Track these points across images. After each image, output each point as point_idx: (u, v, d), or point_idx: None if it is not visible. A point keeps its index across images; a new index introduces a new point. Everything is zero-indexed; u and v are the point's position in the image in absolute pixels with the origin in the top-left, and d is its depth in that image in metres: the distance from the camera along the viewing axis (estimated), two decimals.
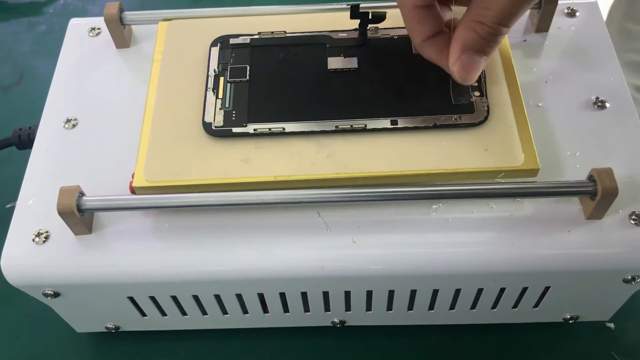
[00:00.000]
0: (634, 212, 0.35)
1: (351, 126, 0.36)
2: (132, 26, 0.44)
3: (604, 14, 0.95)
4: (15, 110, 0.56)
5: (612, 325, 0.43)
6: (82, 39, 0.45)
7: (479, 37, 0.32)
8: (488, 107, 0.36)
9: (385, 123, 0.36)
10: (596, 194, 0.34)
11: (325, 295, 0.39)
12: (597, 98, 0.40)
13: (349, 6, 0.39)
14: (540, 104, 0.40)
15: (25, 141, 0.46)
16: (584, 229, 0.35)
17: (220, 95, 0.38)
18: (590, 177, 0.34)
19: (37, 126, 0.41)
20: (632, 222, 0.35)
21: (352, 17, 0.39)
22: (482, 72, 0.37)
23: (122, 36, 0.43)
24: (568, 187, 0.35)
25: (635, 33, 0.89)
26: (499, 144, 0.35)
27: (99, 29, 0.45)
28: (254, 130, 0.36)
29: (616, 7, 0.93)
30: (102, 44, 0.44)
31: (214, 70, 0.39)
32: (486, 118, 0.36)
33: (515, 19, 0.32)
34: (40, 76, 0.58)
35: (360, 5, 0.38)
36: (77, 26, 0.45)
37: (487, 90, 0.37)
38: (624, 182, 0.36)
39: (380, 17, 0.39)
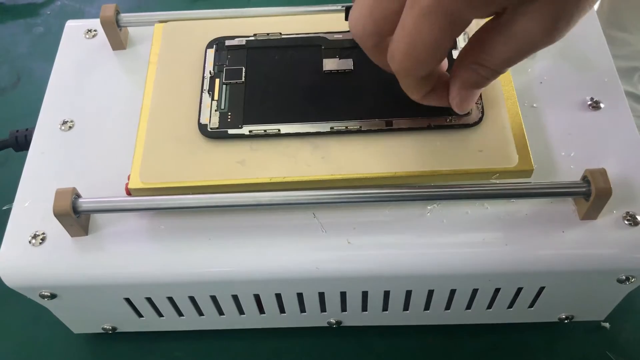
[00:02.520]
0: (628, 212, 0.36)
1: (346, 127, 0.36)
2: (128, 28, 0.44)
3: None
4: (12, 112, 0.56)
5: (607, 325, 0.43)
6: (79, 41, 0.45)
7: (479, 77, 0.31)
8: (482, 108, 0.37)
9: (380, 124, 0.36)
10: (590, 194, 0.34)
11: (321, 296, 0.39)
12: (591, 98, 0.40)
13: (344, 7, 0.39)
14: (535, 105, 0.40)
15: (22, 143, 0.46)
16: (578, 230, 0.35)
17: (216, 97, 0.38)
18: (584, 178, 0.34)
19: (34, 128, 0.41)
20: (626, 222, 0.35)
21: (347, 18, 0.39)
22: None
23: (118, 38, 0.43)
24: (562, 188, 0.35)
25: (618, 40, 0.89)
26: (493, 145, 0.36)
27: (95, 30, 0.45)
28: (250, 131, 0.36)
29: (599, 14, 0.94)
30: (99, 46, 0.44)
31: (210, 72, 0.39)
32: (480, 119, 0.36)
33: (518, 61, 0.30)
34: (38, 78, 0.58)
35: None
36: (74, 28, 0.46)
37: (481, 91, 0.37)
38: (618, 183, 0.36)
39: None
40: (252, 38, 0.40)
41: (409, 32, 0.27)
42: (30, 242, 0.36)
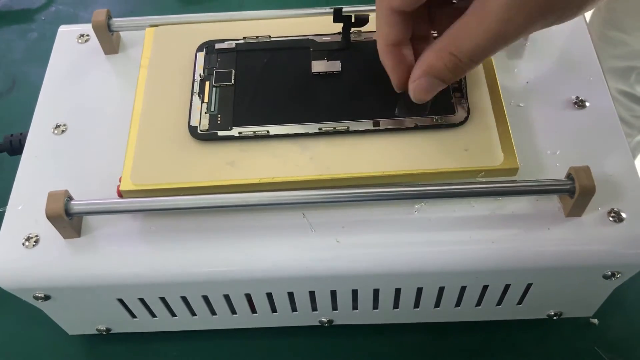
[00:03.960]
0: (613, 209, 0.36)
1: (334, 128, 0.37)
2: (120, 32, 0.45)
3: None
4: (7, 116, 0.56)
5: (595, 321, 0.44)
6: (71, 45, 0.45)
7: (445, 67, 0.31)
8: (468, 108, 0.37)
9: (368, 125, 0.37)
10: (574, 192, 0.34)
11: (312, 295, 0.39)
12: (577, 97, 0.40)
13: (332, 10, 0.39)
14: (521, 104, 0.40)
15: (16, 147, 0.46)
16: (564, 227, 0.36)
17: (206, 100, 0.38)
18: (569, 176, 0.35)
19: (27, 132, 0.42)
20: (610, 219, 0.36)
21: (336, 20, 0.39)
22: None
23: (110, 42, 0.44)
24: (547, 186, 0.35)
25: (616, 39, 0.90)
26: (479, 144, 0.36)
27: (87, 35, 0.45)
28: (239, 133, 0.37)
29: (596, 14, 0.94)
30: (91, 51, 0.45)
31: (200, 75, 0.39)
32: (466, 119, 0.37)
33: (486, 57, 0.31)
34: (32, 83, 0.58)
35: (343, 9, 0.39)
36: (66, 33, 0.46)
37: (467, 91, 0.38)
38: (603, 180, 0.37)
39: (363, 20, 0.39)
40: (242, 41, 0.41)
41: None
42: (23, 244, 0.36)
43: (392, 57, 0.34)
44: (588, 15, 0.98)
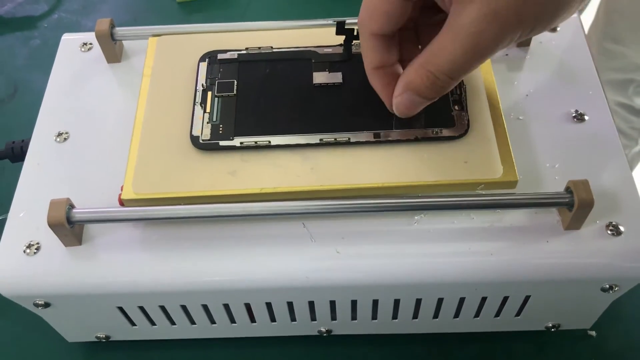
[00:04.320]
0: (611, 222, 0.36)
1: (335, 139, 0.37)
2: (123, 41, 0.45)
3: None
4: (8, 123, 0.57)
5: (593, 333, 0.44)
6: (74, 53, 0.46)
7: (423, 83, 0.32)
8: (468, 120, 0.37)
9: (368, 136, 0.37)
10: (573, 205, 0.35)
11: (311, 304, 0.39)
12: (576, 111, 0.41)
13: (335, 22, 0.40)
14: (521, 117, 0.41)
15: (18, 154, 0.46)
16: (562, 239, 0.36)
17: (208, 109, 0.39)
18: (568, 189, 0.35)
19: (29, 139, 0.42)
20: (609, 232, 0.36)
21: (338, 33, 0.40)
22: (462, 86, 0.38)
23: (113, 51, 0.44)
24: (546, 199, 0.35)
25: (614, 52, 0.91)
26: (479, 157, 0.36)
27: (90, 44, 0.46)
28: (241, 143, 0.37)
29: (595, 27, 0.95)
30: (94, 59, 0.45)
31: (202, 85, 0.40)
32: (466, 131, 0.37)
33: (464, 74, 0.31)
34: (34, 90, 0.59)
35: (346, 22, 0.39)
36: (69, 41, 0.46)
37: (467, 104, 0.38)
38: (602, 194, 0.37)
39: None
40: (244, 52, 0.41)
41: None
42: (25, 251, 0.37)
43: (379, 79, 0.35)
44: (587, 27, 0.99)
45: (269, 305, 0.39)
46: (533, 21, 0.29)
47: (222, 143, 0.37)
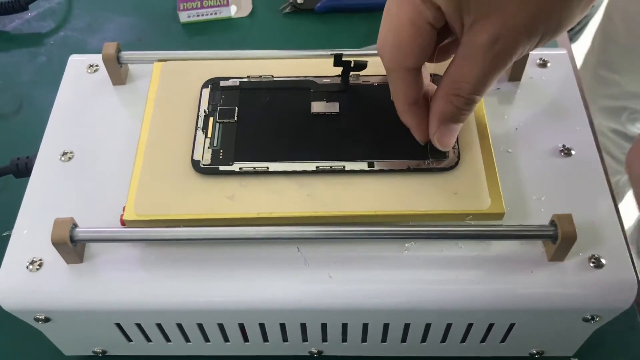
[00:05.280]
0: (594, 255, 0.38)
1: (331, 167, 0.39)
2: (128, 65, 0.47)
3: (579, 61, 1.00)
4: (13, 137, 0.58)
5: None
6: (81, 74, 0.47)
7: (455, 108, 0.34)
8: (459, 152, 0.39)
9: (363, 165, 0.39)
10: (557, 238, 0.36)
11: (303, 326, 0.41)
12: (563, 146, 0.42)
13: (333, 54, 0.41)
14: (510, 150, 0.42)
15: (22, 170, 0.47)
16: (546, 271, 0.37)
17: (209, 135, 0.40)
18: (552, 222, 0.37)
19: (34, 155, 0.43)
20: (591, 264, 0.37)
21: (336, 64, 0.41)
22: None
23: (118, 74, 0.45)
24: (531, 231, 0.37)
25: (609, 80, 0.93)
26: (468, 188, 0.38)
27: (97, 65, 0.47)
28: (240, 168, 0.39)
29: (590, 54, 0.97)
30: (100, 81, 0.46)
31: (204, 111, 0.41)
32: (457, 163, 0.39)
33: (488, 88, 0.34)
34: (39, 106, 0.60)
35: (343, 54, 0.41)
36: (77, 62, 0.48)
37: (458, 137, 0.39)
38: (585, 227, 0.38)
39: (361, 66, 0.41)
40: (246, 79, 0.42)
41: None
42: (27, 267, 0.38)
43: (414, 115, 0.37)
44: (582, 56, 1.01)
45: (262, 326, 0.41)
46: (541, 33, 0.31)
47: (222, 168, 0.39)
